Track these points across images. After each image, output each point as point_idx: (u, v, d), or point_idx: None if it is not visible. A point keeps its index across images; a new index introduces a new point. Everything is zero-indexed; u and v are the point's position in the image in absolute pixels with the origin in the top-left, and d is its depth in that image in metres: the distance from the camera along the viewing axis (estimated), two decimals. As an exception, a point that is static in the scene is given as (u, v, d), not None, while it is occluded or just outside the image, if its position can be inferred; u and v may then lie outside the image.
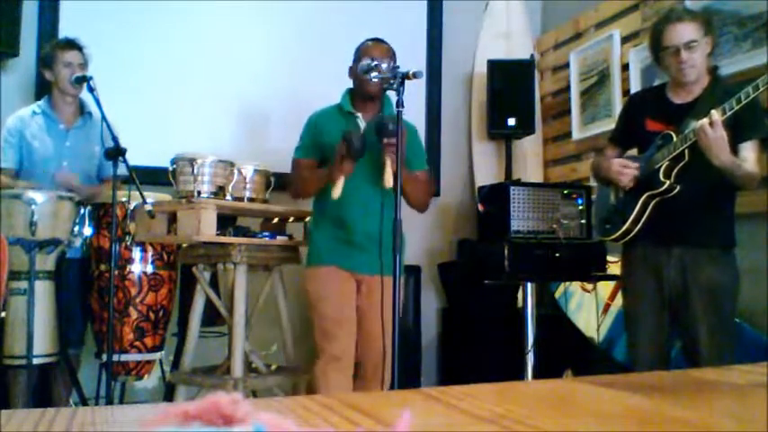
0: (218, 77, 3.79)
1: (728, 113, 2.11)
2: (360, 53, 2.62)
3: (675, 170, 2.32)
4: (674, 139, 2.29)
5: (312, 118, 2.72)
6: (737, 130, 2.20)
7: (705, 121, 2.13)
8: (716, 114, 2.11)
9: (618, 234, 2.47)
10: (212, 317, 3.03)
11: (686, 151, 2.27)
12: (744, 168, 2.21)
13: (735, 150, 2.23)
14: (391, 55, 2.61)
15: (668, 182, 2.33)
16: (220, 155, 2.85)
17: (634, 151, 2.57)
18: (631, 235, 2.44)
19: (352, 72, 2.64)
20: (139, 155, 2.90)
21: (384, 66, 2.42)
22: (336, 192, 2.44)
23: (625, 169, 2.42)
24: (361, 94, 2.61)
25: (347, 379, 2.52)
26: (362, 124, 2.63)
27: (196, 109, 3.75)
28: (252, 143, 3.82)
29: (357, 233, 2.57)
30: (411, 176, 2.56)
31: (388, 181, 2.38)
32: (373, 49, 2.59)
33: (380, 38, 2.66)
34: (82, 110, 3.09)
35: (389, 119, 2.34)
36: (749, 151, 2.26)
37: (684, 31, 2.28)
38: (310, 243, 2.72)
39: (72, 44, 2.98)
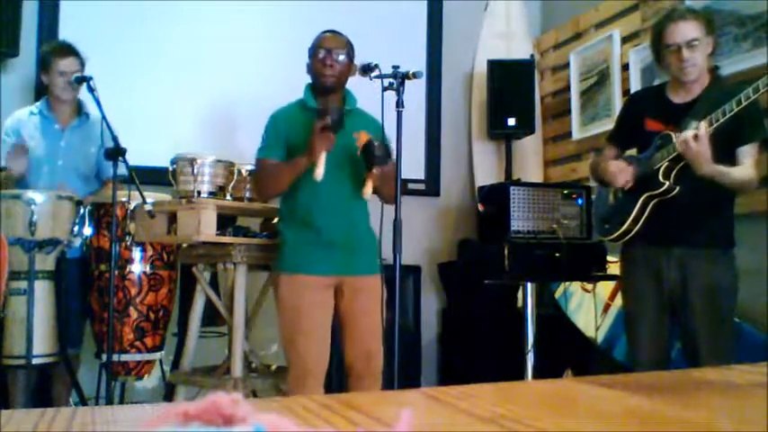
0: (219, 77, 3.79)
1: (721, 120, 2.12)
2: (315, 45, 2.53)
3: (675, 171, 2.32)
4: (674, 139, 2.29)
5: (275, 116, 2.60)
6: (737, 132, 2.20)
7: (689, 133, 2.13)
8: (702, 127, 2.11)
9: (617, 234, 2.47)
10: (212, 317, 3.03)
11: (685, 152, 2.27)
12: (731, 176, 2.21)
13: (732, 153, 2.23)
14: (347, 46, 2.53)
15: (668, 183, 2.32)
16: (220, 155, 2.85)
17: (633, 151, 2.57)
18: (631, 235, 2.44)
19: (309, 67, 2.55)
20: (139, 155, 2.89)
21: (341, 57, 2.45)
22: (319, 170, 2.31)
23: (621, 171, 2.42)
24: (320, 88, 2.52)
25: (321, 384, 2.46)
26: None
27: (196, 109, 3.75)
28: (252, 143, 3.80)
29: (331, 233, 2.45)
30: (388, 175, 2.42)
31: (368, 193, 2.38)
32: (328, 40, 2.51)
33: (337, 30, 2.58)
34: (79, 110, 3.09)
35: (382, 147, 2.32)
36: (749, 154, 2.26)
37: (686, 30, 2.28)
38: (282, 246, 2.53)
39: (68, 51, 2.96)
